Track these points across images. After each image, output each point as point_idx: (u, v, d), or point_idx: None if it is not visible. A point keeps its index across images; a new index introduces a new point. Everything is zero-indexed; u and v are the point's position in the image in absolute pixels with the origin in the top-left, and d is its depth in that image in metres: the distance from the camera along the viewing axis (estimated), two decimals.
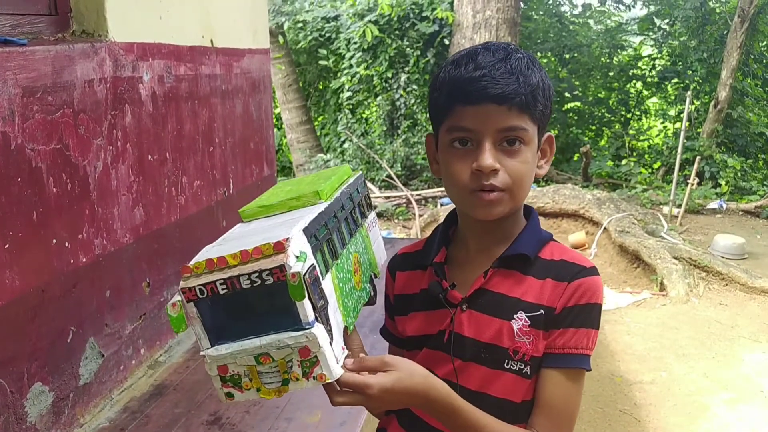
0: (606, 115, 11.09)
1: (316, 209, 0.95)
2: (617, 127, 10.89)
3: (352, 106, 9.41)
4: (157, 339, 2.35)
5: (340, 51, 9.39)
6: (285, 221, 0.92)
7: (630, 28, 11.50)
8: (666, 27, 11.04)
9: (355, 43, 8.99)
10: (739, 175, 8.41)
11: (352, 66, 9.14)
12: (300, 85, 9.95)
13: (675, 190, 6.81)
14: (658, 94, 11.11)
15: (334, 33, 9.51)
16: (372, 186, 7.92)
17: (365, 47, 8.86)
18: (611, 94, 11.19)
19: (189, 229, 2.50)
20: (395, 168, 8.24)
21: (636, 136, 10.80)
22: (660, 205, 7.32)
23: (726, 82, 8.84)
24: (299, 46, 9.83)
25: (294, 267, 0.78)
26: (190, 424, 1.95)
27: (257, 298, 0.81)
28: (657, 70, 10.95)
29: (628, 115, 11.08)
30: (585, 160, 8.38)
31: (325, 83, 10.36)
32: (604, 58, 11.03)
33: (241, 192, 2.98)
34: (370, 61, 8.97)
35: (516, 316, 0.98)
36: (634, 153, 10.39)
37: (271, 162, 3.40)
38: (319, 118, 10.81)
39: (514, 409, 0.99)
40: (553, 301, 0.97)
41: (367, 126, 9.26)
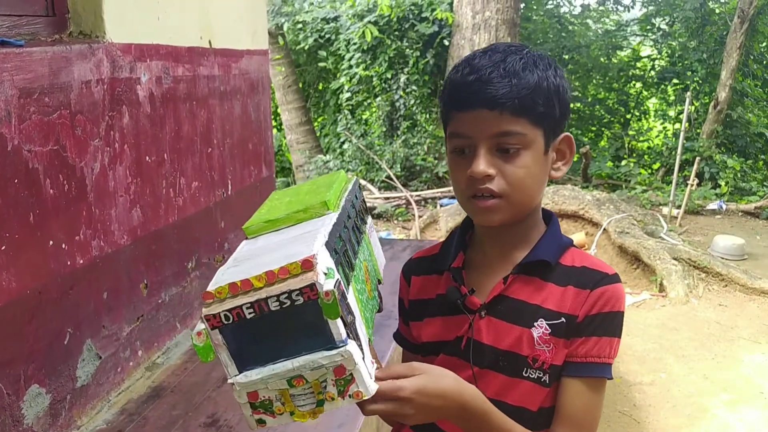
0: (605, 115, 11.09)
1: (327, 220, 0.90)
2: (617, 127, 10.90)
3: (351, 107, 9.41)
4: (155, 341, 2.35)
5: (340, 52, 9.39)
6: (298, 236, 0.88)
7: (629, 29, 11.51)
8: (665, 27, 11.05)
9: (354, 43, 8.99)
10: (739, 175, 8.41)
11: (351, 67, 9.14)
12: (300, 86, 9.95)
13: (675, 191, 6.81)
14: (657, 94, 11.11)
15: (334, 34, 9.51)
16: (371, 187, 7.91)
17: (365, 48, 8.86)
18: (611, 95, 11.20)
19: (187, 231, 2.49)
20: (395, 169, 8.24)
21: (636, 136, 10.80)
22: (659, 206, 7.32)
23: (726, 83, 8.84)
24: (299, 47, 9.83)
25: (326, 285, 0.74)
26: (188, 426, 1.94)
27: (285, 319, 0.77)
28: (656, 70, 10.95)
29: (628, 116, 11.09)
30: (584, 160, 8.38)
31: (325, 84, 10.36)
32: (603, 59, 11.04)
33: (240, 193, 2.97)
34: (369, 61, 8.97)
35: (536, 324, 0.96)
36: (633, 154, 10.40)
37: (269, 163, 3.39)
38: (318, 119, 10.81)
39: (531, 417, 0.97)
40: (575, 309, 0.95)
41: (366, 127, 9.25)
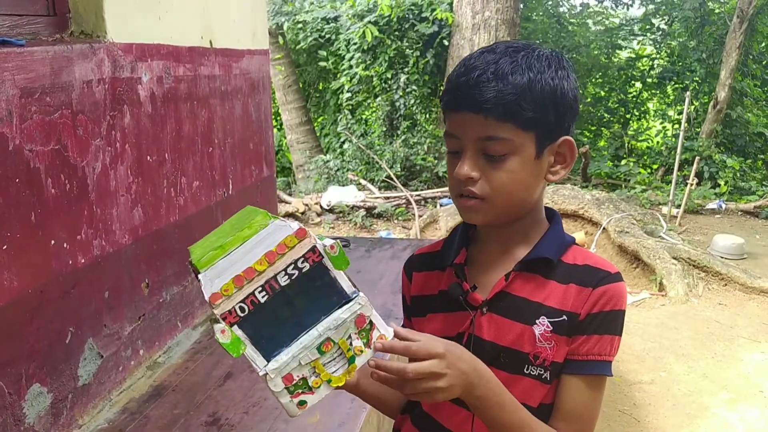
0: (605, 115, 11.11)
1: (278, 223, 0.86)
2: (616, 127, 10.90)
3: (351, 107, 9.42)
4: (156, 340, 2.35)
5: (340, 52, 9.39)
6: (261, 239, 0.84)
7: (629, 29, 11.52)
8: (665, 27, 11.06)
9: (354, 43, 8.99)
10: (738, 175, 8.41)
11: (351, 67, 9.15)
12: (300, 85, 9.95)
13: (674, 191, 6.82)
14: (657, 94, 11.12)
15: (334, 34, 9.51)
16: (371, 186, 7.93)
17: (365, 48, 8.86)
18: (610, 95, 11.20)
19: (188, 230, 2.49)
20: (395, 168, 8.25)
21: (635, 136, 10.81)
22: (659, 206, 7.33)
23: (725, 83, 8.85)
24: (299, 46, 9.84)
25: (326, 241, 0.80)
26: (189, 425, 1.94)
27: (296, 294, 0.82)
28: (656, 70, 10.96)
29: (627, 116, 11.10)
30: (584, 160, 8.38)
31: (325, 84, 10.36)
32: (603, 59, 11.05)
33: (241, 193, 2.98)
34: (369, 61, 8.97)
35: (538, 321, 0.96)
36: (633, 153, 10.40)
37: (270, 163, 3.40)
38: (318, 119, 10.81)
39: (531, 413, 0.97)
40: (577, 307, 0.96)
41: (366, 127, 9.26)
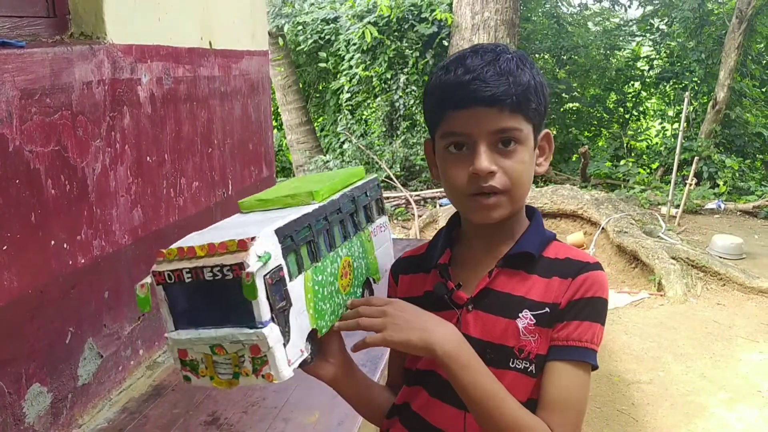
0: (604, 115, 11.12)
1: (303, 210, 0.96)
2: (615, 127, 10.92)
3: (351, 107, 9.43)
4: (156, 340, 2.36)
5: (340, 52, 9.40)
6: (266, 218, 0.94)
7: (628, 29, 11.53)
8: (664, 28, 11.06)
9: (354, 44, 9.00)
10: (737, 175, 8.42)
11: (351, 67, 9.16)
12: (300, 86, 9.96)
13: (673, 191, 6.83)
14: (656, 94, 11.13)
15: (334, 35, 9.52)
16: None
17: (364, 48, 8.88)
18: (609, 95, 11.21)
19: (188, 230, 2.47)
20: (394, 169, 8.25)
21: (634, 136, 10.82)
22: (658, 206, 7.34)
23: (724, 83, 8.86)
24: (299, 48, 9.85)
25: (251, 267, 0.80)
26: (189, 424, 1.95)
27: (219, 291, 0.84)
28: (655, 71, 10.97)
29: (627, 116, 11.11)
30: (583, 160, 8.39)
31: (325, 84, 10.38)
32: (601, 59, 11.06)
33: (240, 193, 2.98)
34: (369, 62, 8.98)
35: (521, 315, 0.98)
36: (632, 153, 10.41)
37: (270, 163, 3.40)
38: (318, 119, 10.82)
39: None
40: (558, 297, 0.97)
41: (366, 127, 9.27)
